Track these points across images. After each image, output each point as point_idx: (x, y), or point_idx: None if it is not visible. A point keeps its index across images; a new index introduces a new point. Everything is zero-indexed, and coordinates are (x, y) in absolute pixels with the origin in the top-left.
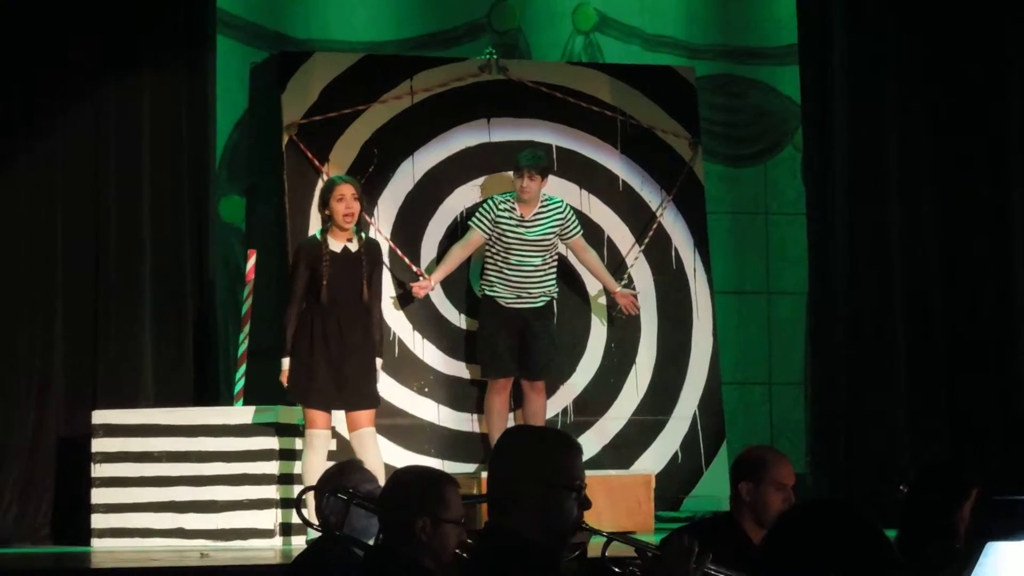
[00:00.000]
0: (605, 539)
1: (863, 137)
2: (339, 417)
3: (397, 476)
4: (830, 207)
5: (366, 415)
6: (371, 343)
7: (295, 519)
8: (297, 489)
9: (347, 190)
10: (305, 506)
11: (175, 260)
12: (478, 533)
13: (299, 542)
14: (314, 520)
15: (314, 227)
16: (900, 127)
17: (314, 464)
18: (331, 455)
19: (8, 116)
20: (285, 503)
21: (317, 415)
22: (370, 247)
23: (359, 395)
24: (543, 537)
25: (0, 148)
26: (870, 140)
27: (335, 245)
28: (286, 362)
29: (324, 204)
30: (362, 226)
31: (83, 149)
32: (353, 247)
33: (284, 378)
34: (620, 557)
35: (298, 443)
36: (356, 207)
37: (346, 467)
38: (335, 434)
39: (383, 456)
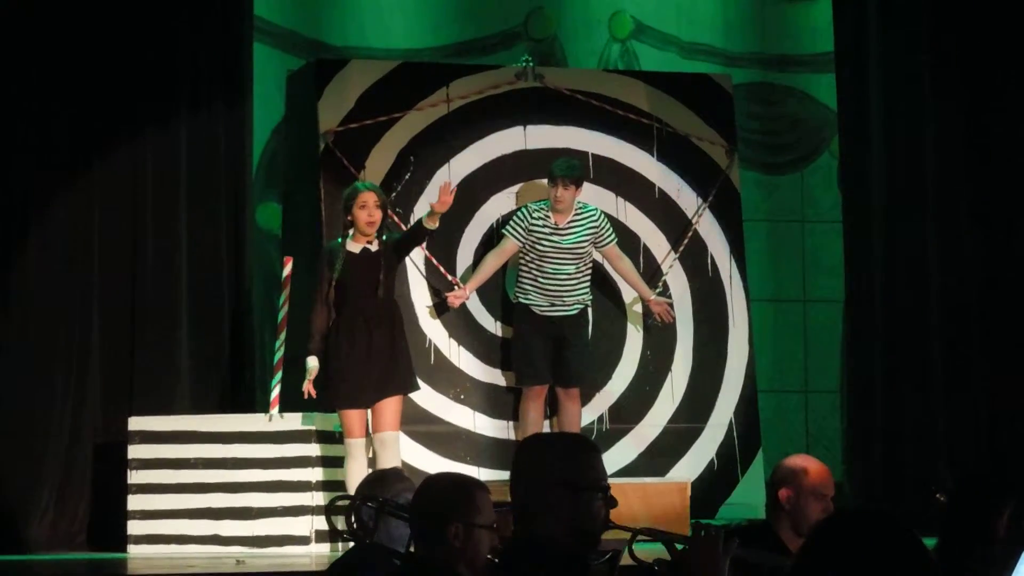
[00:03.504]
0: (631, 534)
1: (900, 144)
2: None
3: (428, 483)
4: (867, 215)
5: (390, 418)
6: (400, 337)
7: (340, 525)
8: (330, 497)
9: (369, 197)
10: (339, 513)
11: (212, 267)
12: (507, 540)
13: (335, 549)
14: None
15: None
16: (937, 134)
17: (355, 473)
18: (371, 462)
19: (45, 123)
20: (321, 510)
21: (353, 423)
22: (388, 244)
23: (383, 385)
24: (573, 541)
25: (37, 154)
26: (907, 147)
27: (354, 247)
28: (311, 360)
29: (347, 210)
30: (385, 231)
31: (120, 157)
32: (373, 247)
33: (310, 379)
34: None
35: (333, 450)
36: (378, 215)
37: (387, 475)
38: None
39: (421, 463)
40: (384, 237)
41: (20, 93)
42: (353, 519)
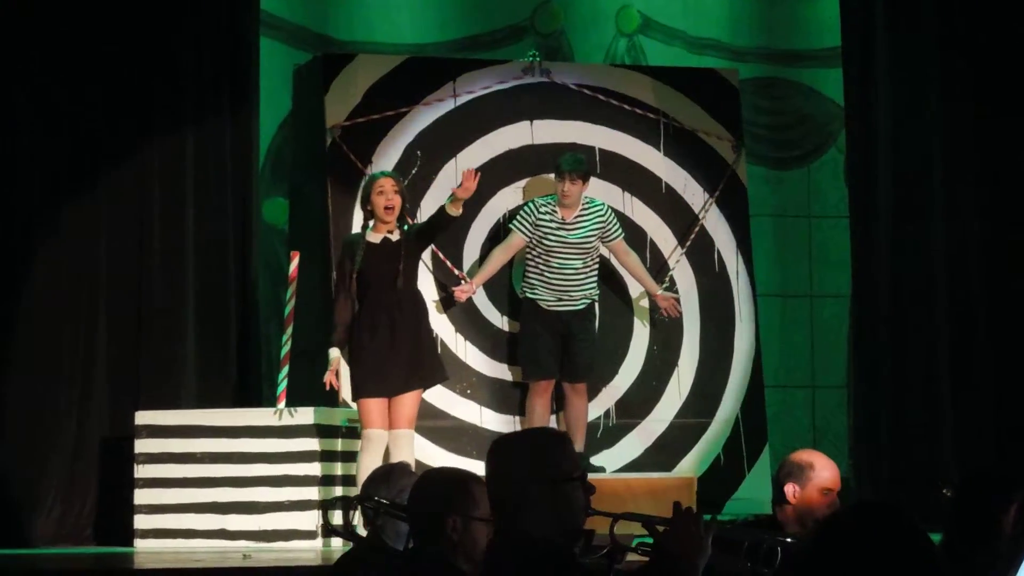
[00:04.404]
0: (612, 519)
1: (907, 139)
2: None
3: (425, 478)
4: (873, 209)
5: (407, 414)
6: (424, 326)
7: (336, 520)
8: (337, 491)
9: (387, 184)
10: (339, 507)
11: (218, 262)
12: (489, 543)
13: (341, 544)
14: (357, 523)
15: (357, 228)
16: (944, 129)
17: (369, 467)
18: (386, 456)
19: (51, 121)
20: (328, 504)
21: (372, 414)
22: (408, 234)
23: (410, 377)
24: (557, 533)
25: (43, 152)
26: (914, 142)
27: (375, 237)
28: (333, 352)
29: (366, 199)
30: (405, 220)
31: (126, 152)
32: (394, 237)
33: (331, 370)
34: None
35: (341, 444)
36: (397, 200)
37: (393, 470)
38: None
39: (428, 458)
40: (405, 227)
41: (25, 92)
42: (354, 516)
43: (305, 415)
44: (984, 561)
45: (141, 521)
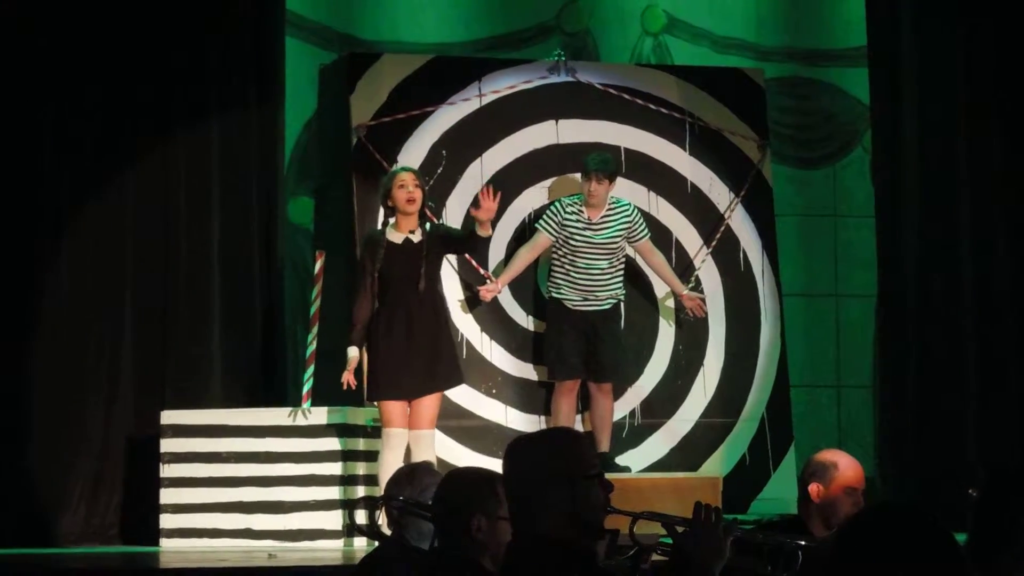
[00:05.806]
0: (631, 518)
1: (933, 138)
2: None
3: (449, 478)
4: (899, 209)
5: (427, 415)
6: (444, 330)
7: (361, 520)
8: (361, 491)
9: (408, 177)
10: (364, 507)
11: (244, 261)
12: (508, 544)
13: (366, 543)
14: (382, 523)
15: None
16: (970, 128)
17: (390, 464)
18: (408, 456)
19: (78, 120)
20: (352, 504)
21: (393, 413)
22: (432, 235)
23: (428, 380)
24: (576, 533)
25: (70, 151)
26: (940, 141)
27: (396, 236)
28: (351, 350)
29: (387, 194)
30: (425, 218)
31: (153, 151)
32: (415, 238)
33: (350, 368)
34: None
35: (366, 444)
36: (418, 194)
37: (417, 470)
38: None
39: (453, 458)
40: (428, 227)
41: (52, 92)
42: (379, 516)
43: (331, 415)
44: (1008, 562)
45: (166, 520)
